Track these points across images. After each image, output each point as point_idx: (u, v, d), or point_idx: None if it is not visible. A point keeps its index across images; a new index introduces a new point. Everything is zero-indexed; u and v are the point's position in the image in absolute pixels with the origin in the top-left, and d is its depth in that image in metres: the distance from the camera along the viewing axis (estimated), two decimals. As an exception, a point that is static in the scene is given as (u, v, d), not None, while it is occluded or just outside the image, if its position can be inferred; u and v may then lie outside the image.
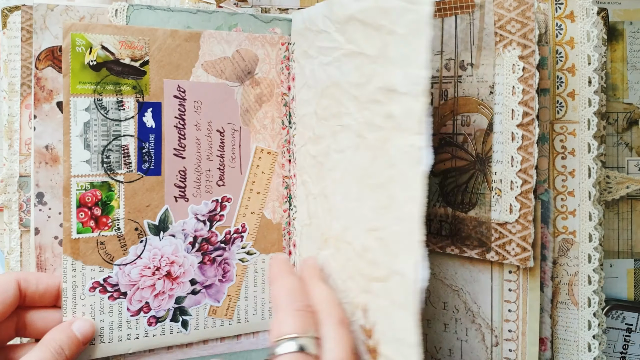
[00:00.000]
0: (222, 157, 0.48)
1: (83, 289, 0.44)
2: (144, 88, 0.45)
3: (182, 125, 0.46)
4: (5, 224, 0.50)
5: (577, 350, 0.47)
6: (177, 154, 0.46)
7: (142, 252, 0.45)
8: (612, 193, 0.53)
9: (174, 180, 0.46)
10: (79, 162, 0.44)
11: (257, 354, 0.50)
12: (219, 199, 0.48)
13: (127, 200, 0.45)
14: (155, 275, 0.45)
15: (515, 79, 0.42)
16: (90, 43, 0.43)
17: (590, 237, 0.46)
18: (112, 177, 0.44)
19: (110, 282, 0.44)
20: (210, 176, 0.47)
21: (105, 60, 0.44)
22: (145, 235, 0.45)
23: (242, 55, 0.48)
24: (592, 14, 0.46)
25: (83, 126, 0.43)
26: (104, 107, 0.44)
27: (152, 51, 0.45)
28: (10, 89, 0.50)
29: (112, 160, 0.44)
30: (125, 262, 0.45)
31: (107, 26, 0.44)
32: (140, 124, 0.45)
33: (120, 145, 0.45)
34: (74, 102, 0.43)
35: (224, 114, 0.48)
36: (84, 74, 0.43)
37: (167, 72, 0.46)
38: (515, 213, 0.42)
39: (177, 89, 0.46)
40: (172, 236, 0.46)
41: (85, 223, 0.44)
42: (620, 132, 0.55)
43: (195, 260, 0.47)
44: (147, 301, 0.45)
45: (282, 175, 0.50)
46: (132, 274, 0.45)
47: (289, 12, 0.55)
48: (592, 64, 0.46)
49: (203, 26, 0.47)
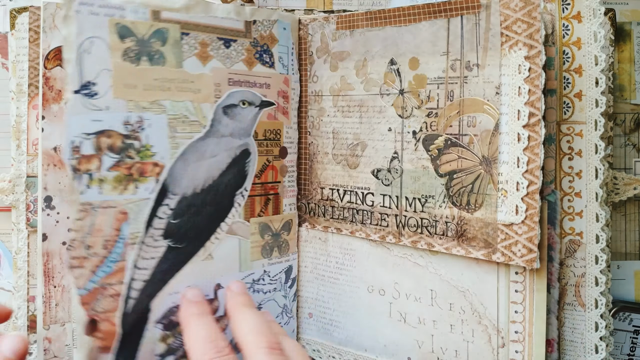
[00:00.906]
0: None
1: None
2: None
3: None
4: (13, 224, 0.51)
5: (584, 352, 0.47)
6: None
7: None
8: (619, 194, 0.52)
9: None
10: None
11: None
12: None
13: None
14: None
15: (521, 79, 0.41)
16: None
17: (598, 238, 0.46)
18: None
19: None
20: None
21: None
22: None
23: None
24: (599, 15, 0.46)
25: None
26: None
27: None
28: (18, 89, 0.50)
29: None
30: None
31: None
32: None
33: None
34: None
35: None
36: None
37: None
38: (521, 214, 0.42)
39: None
40: None
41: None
42: (628, 133, 0.55)
43: None
44: None
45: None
46: None
47: (295, 13, 0.55)
48: (599, 65, 0.46)
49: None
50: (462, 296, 0.46)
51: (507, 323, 0.44)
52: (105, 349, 0.41)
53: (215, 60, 0.47)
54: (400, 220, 0.48)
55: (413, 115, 0.47)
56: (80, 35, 0.41)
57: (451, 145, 0.45)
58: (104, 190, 0.41)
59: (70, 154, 0.40)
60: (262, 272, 0.51)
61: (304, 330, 0.55)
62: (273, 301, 0.52)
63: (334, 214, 0.52)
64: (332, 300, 0.53)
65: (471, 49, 0.44)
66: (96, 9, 0.42)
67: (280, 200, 0.52)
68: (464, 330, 0.46)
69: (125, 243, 0.42)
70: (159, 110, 0.44)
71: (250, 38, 0.50)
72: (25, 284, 0.50)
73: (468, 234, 0.44)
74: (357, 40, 0.50)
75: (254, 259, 0.50)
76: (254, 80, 0.50)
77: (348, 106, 0.51)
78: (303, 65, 0.54)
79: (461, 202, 0.45)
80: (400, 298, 0.49)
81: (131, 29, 0.43)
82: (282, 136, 0.52)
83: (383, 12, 0.48)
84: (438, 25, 0.46)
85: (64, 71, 0.41)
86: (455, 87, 0.45)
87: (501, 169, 0.43)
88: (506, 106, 0.42)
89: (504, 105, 0.42)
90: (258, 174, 0.50)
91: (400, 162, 0.48)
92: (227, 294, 0.46)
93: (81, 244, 0.41)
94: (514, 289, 0.44)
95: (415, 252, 0.48)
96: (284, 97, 0.52)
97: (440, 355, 0.47)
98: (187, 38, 0.46)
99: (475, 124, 0.44)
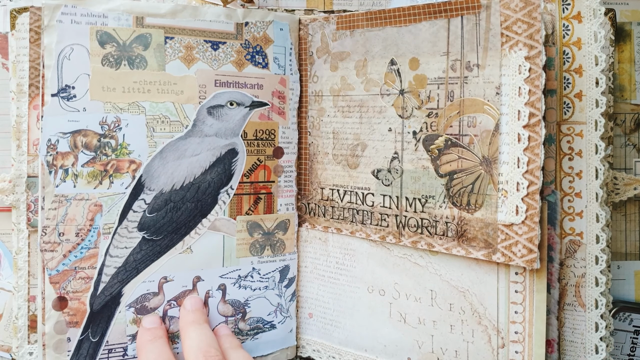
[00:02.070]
0: None
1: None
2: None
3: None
4: (13, 224, 0.51)
5: (584, 352, 0.47)
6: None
7: None
8: (619, 194, 0.52)
9: None
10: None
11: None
12: None
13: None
14: None
15: (522, 79, 0.41)
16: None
17: (598, 238, 0.46)
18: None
19: None
20: None
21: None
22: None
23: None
24: (600, 15, 0.46)
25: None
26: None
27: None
28: (19, 89, 0.50)
29: None
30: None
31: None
32: None
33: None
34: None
35: None
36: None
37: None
38: (521, 214, 0.42)
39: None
40: None
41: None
42: (628, 133, 0.54)
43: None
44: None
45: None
46: None
47: (295, 13, 0.55)
48: (600, 65, 0.46)
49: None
50: (462, 296, 0.46)
51: (507, 323, 0.44)
52: (75, 324, 0.46)
53: (201, 63, 0.49)
54: (401, 221, 0.48)
55: (413, 115, 0.47)
56: (61, 43, 0.45)
57: (451, 146, 0.45)
58: (79, 184, 0.46)
59: (45, 151, 0.45)
60: (251, 269, 0.52)
61: (304, 330, 0.55)
62: (264, 299, 0.53)
63: (334, 214, 0.52)
64: (332, 300, 0.53)
65: (471, 49, 0.44)
66: (78, 17, 0.45)
67: (273, 199, 0.53)
68: (463, 331, 0.46)
69: (98, 232, 0.46)
70: (138, 111, 0.47)
71: (241, 40, 0.51)
72: (26, 284, 0.50)
73: (468, 234, 0.44)
74: (357, 40, 0.50)
75: (240, 255, 0.52)
76: (244, 81, 0.51)
77: (348, 106, 0.51)
78: (303, 65, 0.54)
79: (461, 203, 0.45)
80: (400, 298, 0.49)
81: (112, 35, 0.46)
82: (277, 136, 0.52)
83: (383, 12, 0.48)
84: (438, 25, 0.46)
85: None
86: (455, 87, 0.45)
87: (501, 169, 0.43)
88: (506, 106, 0.42)
89: (504, 105, 0.42)
90: (247, 173, 0.51)
91: (400, 162, 0.48)
92: (181, 311, 0.49)
93: (54, 231, 0.45)
94: (514, 290, 0.44)
95: (415, 253, 0.48)
96: (279, 97, 0.52)
97: (440, 355, 0.47)
98: (171, 42, 0.48)
99: (475, 124, 0.44)
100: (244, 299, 0.52)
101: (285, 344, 0.54)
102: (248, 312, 0.52)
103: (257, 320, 0.52)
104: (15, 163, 0.50)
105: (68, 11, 0.45)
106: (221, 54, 0.50)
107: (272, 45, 0.52)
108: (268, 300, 0.53)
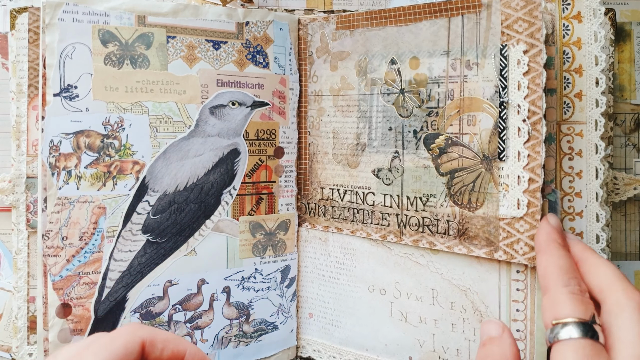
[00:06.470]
0: None
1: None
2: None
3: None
4: (13, 224, 0.51)
5: (585, 351, 0.46)
6: None
7: None
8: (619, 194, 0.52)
9: None
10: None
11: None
12: None
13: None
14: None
15: (520, 73, 0.42)
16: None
17: (598, 238, 0.46)
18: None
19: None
20: None
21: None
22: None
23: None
24: (600, 15, 0.46)
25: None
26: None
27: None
28: (18, 89, 0.50)
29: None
30: None
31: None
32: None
33: None
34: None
35: None
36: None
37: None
38: (522, 208, 0.42)
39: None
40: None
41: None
42: (628, 133, 0.55)
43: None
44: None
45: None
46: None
47: (295, 13, 0.55)
48: (600, 65, 0.46)
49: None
50: (463, 295, 0.46)
51: (509, 321, 0.44)
52: (80, 331, 0.45)
53: (203, 62, 0.49)
54: (402, 220, 0.48)
55: (414, 114, 0.47)
56: (62, 42, 0.44)
57: (452, 144, 0.45)
58: (82, 186, 0.45)
59: (48, 152, 0.44)
60: (254, 270, 0.52)
61: (305, 330, 0.55)
62: (266, 299, 0.52)
63: (334, 214, 0.52)
64: (333, 300, 0.53)
65: (471, 48, 0.44)
66: (80, 16, 0.45)
67: (275, 199, 0.53)
68: (465, 329, 0.46)
69: (102, 236, 0.45)
70: (141, 111, 0.47)
71: (242, 39, 0.51)
72: (25, 284, 0.50)
73: (470, 232, 0.44)
74: (357, 40, 0.50)
75: (243, 256, 0.51)
76: (246, 80, 0.51)
77: (348, 106, 0.51)
78: (303, 65, 0.54)
79: (462, 201, 0.45)
80: (401, 297, 0.49)
81: (115, 34, 0.46)
82: (277, 136, 0.52)
83: (383, 12, 0.49)
84: (439, 24, 0.46)
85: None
86: (455, 86, 0.45)
87: (502, 163, 0.43)
88: (506, 100, 0.42)
89: (504, 99, 0.43)
90: (249, 174, 0.51)
91: (401, 161, 0.48)
92: (542, 224, 0.41)
93: (57, 234, 0.44)
94: (516, 288, 0.44)
95: (416, 251, 0.48)
96: (280, 97, 0.52)
97: (442, 354, 0.47)
98: (173, 41, 0.48)
99: (475, 122, 0.44)
100: (248, 301, 0.52)
101: (286, 345, 0.54)
102: (252, 313, 0.52)
103: (260, 322, 0.52)
104: (14, 163, 0.50)
105: (70, 9, 0.45)
106: (223, 54, 0.50)
107: (272, 45, 0.52)
108: (270, 301, 0.53)
